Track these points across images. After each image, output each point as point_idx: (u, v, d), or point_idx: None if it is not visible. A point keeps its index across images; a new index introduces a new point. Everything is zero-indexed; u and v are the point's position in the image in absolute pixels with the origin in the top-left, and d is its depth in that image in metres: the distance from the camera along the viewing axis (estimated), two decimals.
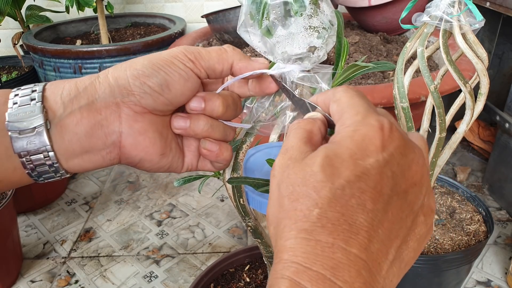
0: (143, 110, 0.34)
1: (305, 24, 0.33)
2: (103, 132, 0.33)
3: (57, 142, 0.32)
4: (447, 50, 0.72)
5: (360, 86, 1.09)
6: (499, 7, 1.15)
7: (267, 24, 0.33)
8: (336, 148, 0.26)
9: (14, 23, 1.99)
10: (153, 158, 0.36)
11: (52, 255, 1.20)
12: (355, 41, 1.36)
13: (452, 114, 0.83)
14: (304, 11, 0.33)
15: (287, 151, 0.28)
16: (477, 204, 0.99)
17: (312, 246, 0.24)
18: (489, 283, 1.06)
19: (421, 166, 0.27)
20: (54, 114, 0.32)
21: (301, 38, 0.33)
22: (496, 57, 1.45)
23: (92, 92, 0.33)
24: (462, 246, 0.88)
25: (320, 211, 0.24)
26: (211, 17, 1.45)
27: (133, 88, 0.33)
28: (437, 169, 0.85)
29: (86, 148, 0.33)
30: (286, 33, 0.33)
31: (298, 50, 0.34)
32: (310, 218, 0.24)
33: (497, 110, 1.29)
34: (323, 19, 0.33)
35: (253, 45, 0.35)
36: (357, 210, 0.24)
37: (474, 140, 1.56)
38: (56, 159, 0.32)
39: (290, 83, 0.36)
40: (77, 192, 1.47)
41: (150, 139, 0.35)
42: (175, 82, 0.34)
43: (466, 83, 0.74)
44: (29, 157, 0.32)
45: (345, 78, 0.39)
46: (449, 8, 0.70)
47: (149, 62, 0.34)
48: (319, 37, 0.34)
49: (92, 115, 0.33)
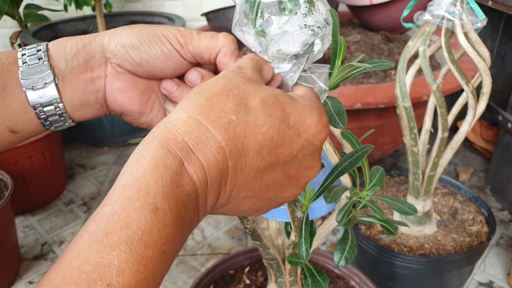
0: (125, 72, 0.37)
1: (300, 22, 0.33)
2: (94, 88, 0.37)
3: (63, 95, 0.36)
4: (449, 49, 0.72)
5: (361, 86, 1.08)
6: (501, 6, 1.14)
7: (261, 23, 0.33)
8: (287, 99, 0.29)
9: (12, 22, 1.98)
10: (133, 115, 0.39)
11: (50, 256, 1.19)
12: (356, 40, 1.35)
13: (454, 113, 0.82)
14: (298, 9, 0.32)
15: (241, 69, 0.31)
16: (479, 205, 0.98)
17: (207, 137, 0.27)
18: (491, 285, 1.05)
19: (311, 166, 0.32)
20: (59, 70, 0.36)
21: (296, 36, 0.33)
22: (498, 56, 1.43)
23: (89, 51, 0.36)
24: (464, 247, 0.87)
25: (236, 119, 0.27)
26: (210, 16, 1.44)
27: (117, 53, 0.36)
28: (439, 169, 0.84)
29: (84, 102, 0.37)
30: (281, 31, 0.33)
31: (293, 49, 0.33)
32: (223, 116, 0.27)
33: (499, 110, 1.28)
34: (318, 17, 0.33)
35: (248, 44, 0.35)
36: (255, 146, 0.28)
37: (476, 140, 1.55)
38: (65, 110, 0.36)
39: None
40: (75, 193, 1.46)
41: (129, 98, 0.38)
42: (156, 59, 0.36)
43: (468, 82, 0.73)
44: (42, 109, 0.36)
45: (342, 77, 0.39)
46: (451, 7, 0.70)
47: (139, 33, 0.36)
48: (314, 35, 0.33)
49: (87, 73, 0.36)
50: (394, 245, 0.88)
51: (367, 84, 1.12)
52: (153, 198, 0.24)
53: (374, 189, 0.42)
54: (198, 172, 0.26)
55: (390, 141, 1.23)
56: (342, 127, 0.37)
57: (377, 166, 0.44)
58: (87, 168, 1.60)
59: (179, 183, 0.25)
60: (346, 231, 0.44)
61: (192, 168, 0.26)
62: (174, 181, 0.25)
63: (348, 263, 0.42)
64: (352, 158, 0.38)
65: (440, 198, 1.01)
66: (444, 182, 1.06)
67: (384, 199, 0.42)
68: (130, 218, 0.23)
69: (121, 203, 0.24)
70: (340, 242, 0.43)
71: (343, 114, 0.37)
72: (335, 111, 0.37)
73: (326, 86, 0.36)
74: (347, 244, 0.42)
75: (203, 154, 0.26)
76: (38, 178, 1.32)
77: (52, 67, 0.35)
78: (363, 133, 0.51)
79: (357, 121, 1.09)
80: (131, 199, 0.24)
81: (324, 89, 0.36)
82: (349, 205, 0.42)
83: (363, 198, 0.43)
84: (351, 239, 0.43)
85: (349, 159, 0.39)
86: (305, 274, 0.49)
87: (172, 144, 0.26)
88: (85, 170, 1.60)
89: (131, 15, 2.01)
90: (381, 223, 0.44)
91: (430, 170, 0.83)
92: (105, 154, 1.70)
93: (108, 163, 1.63)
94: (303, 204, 0.42)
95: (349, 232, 0.44)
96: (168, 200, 0.24)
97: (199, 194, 0.27)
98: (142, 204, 0.24)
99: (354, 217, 0.41)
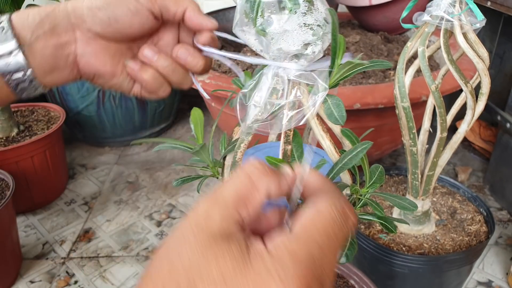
0: (95, 36, 0.39)
1: (300, 21, 0.33)
2: (64, 53, 0.39)
3: (31, 62, 0.38)
4: (448, 49, 0.72)
5: (361, 86, 1.08)
6: (500, 6, 1.15)
7: (262, 22, 0.34)
8: (235, 274, 0.21)
9: None
10: (105, 76, 0.41)
11: (51, 255, 1.20)
12: (355, 41, 1.35)
13: (453, 114, 0.82)
14: (298, 8, 0.33)
15: (215, 201, 0.24)
16: (478, 205, 0.98)
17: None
18: (490, 284, 1.06)
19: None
20: (24, 39, 0.37)
21: (296, 35, 0.34)
22: (497, 56, 1.44)
23: (53, 19, 0.38)
24: (463, 247, 0.88)
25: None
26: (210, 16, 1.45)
27: (86, 18, 0.38)
28: (438, 169, 0.84)
29: (54, 67, 0.39)
30: (281, 30, 0.33)
31: (293, 47, 0.34)
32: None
33: (498, 110, 1.29)
34: (317, 16, 0.34)
35: (248, 43, 0.35)
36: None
37: (475, 140, 1.56)
38: (34, 75, 0.38)
39: (287, 81, 0.36)
40: (76, 192, 1.47)
41: (101, 61, 0.40)
42: (124, 15, 0.38)
43: (467, 82, 0.73)
44: (10, 76, 0.37)
45: (341, 76, 0.39)
46: (450, 8, 0.70)
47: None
48: (314, 34, 0.34)
49: (54, 39, 0.38)
50: (393, 244, 0.89)
51: (366, 85, 1.13)
52: None
53: (374, 186, 0.43)
54: None
55: (389, 141, 1.24)
56: (342, 124, 0.38)
57: (377, 164, 0.45)
58: (88, 168, 1.61)
59: None
60: None
61: None
62: None
63: (349, 260, 0.43)
64: (352, 155, 0.39)
65: (439, 198, 1.02)
66: (443, 181, 1.06)
67: (384, 196, 0.43)
68: None
69: None
70: None
71: (343, 111, 0.38)
72: (334, 109, 0.38)
73: (327, 84, 0.36)
74: (347, 242, 0.43)
75: None
76: (39, 178, 1.33)
77: (16, 36, 0.37)
78: (362, 133, 0.52)
79: (356, 121, 1.09)
80: None
81: (324, 87, 0.36)
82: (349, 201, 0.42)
83: (363, 196, 0.43)
84: (352, 236, 0.43)
85: (348, 155, 0.39)
86: None
87: None
88: (86, 169, 1.60)
89: None
90: (381, 221, 0.45)
91: (429, 170, 0.84)
92: (106, 154, 1.70)
93: (109, 163, 1.63)
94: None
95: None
96: None
97: None
98: None
99: None
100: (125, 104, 1.64)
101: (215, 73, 1.21)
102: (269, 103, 0.36)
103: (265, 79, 0.37)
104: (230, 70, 1.29)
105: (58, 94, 1.63)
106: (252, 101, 0.37)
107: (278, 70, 0.36)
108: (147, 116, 1.72)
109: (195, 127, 0.47)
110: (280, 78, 0.36)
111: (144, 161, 1.64)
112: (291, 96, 0.36)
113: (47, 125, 1.40)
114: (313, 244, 0.22)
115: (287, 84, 0.36)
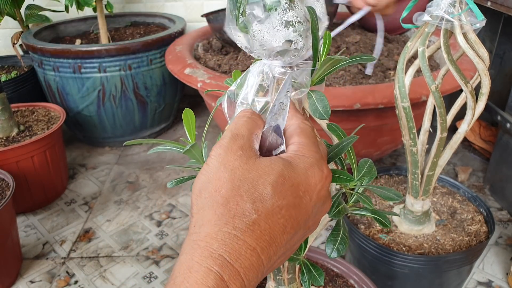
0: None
1: (280, 18, 0.34)
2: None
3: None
4: (448, 49, 0.72)
5: (361, 86, 1.08)
6: (500, 6, 1.15)
7: (243, 20, 0.34)
8: (291, 171, 0.31)
9: (13, 23, 1.98)
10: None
11: (51, 255, 1.20)
12: (355, 41, 1.35)
13: (453, 114, 0.82)
14: (278, 6, 0.33)
15: (237, 138, 0.32)
16: (478, 205, 0.98)
17: (240, 245, 0.28)
18: (490, 284, 1.06)
19: (325, 209, 0.35)
20: None
21: (277, 32, 0.34)
22: (497, 56, 1.44)
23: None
24: (463, 247, 0.88)
25: (258, 218, 0.29)
26: (211, 17, 1.45)
27: None
28: (438, 169, 0.84)
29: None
30: (262, 27, 0.34)
31: (275, 44, 0.34)
32: (247, 220, 0.28)
33: (498, 110, 1.29)
34: (297, 13, 0.34)
35: (236, 40, 0.36)
36: (280, 229, 0.30)
37: (475, 140, 1.56)
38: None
39: (272, 78, 0.36)
40: (76, 192, 1.47)
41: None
42: None
43: (467, 82, 0.73)
44: None
45: (323, 72, 0.40)
46: (450, 8, 0.70)
47: None
48: (295, 31, 0.34)
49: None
50: (394, 244, 0.89)
51: (366, 85, 1.13)
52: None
53: (362, 179, 0.43)
54: (237, 282, 0.27)
55: (389, 141, 1.24)
56: (326, 119, 0.38)
57: (366, 158, 0.45)
58: (88, 168, 1.61)
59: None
60: (338, 222, 0.44)
61: (232, 281, 0.27)
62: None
63: (340, 254, 0.43)
64: (338, 148, 0.39)
65: (439, 198, 1.02)
66: (443, 181, 1.06)
67: (370, 188, 0.43)
68: None
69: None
70: (332, 233, 0.44)
71: (327, 106, 0.38)
72: (318, 104, 0.38)
73: (308, 81, 0.37)
74: (338, 236, 0.43)
75: (240, 262, 0.28)
76: (39, 178, 1.33)
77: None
78: (362, 133, 0.52)
79: (356, 121, 1.09)
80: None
81: (305, 84, 0.37)
82: (337, 195, 0.42)
83: (355, 191, 0.43)
84: (343, 230, 0.43)
85: (335, 149, 0.40)
86: (302, 271, 0.50)
87: (210, 262, 0.27)
88: (86, 169, 1.60)
89: (132, 15, 2.01)
90: (374, 216, 0.45)
91: (429, 170, 0.84)
92: (106, 154, 1.70)
93: (109, 163, 1.63)
94: None
95: (341, 224, 0.44)
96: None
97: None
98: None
99: (344, 208, 0.42)
100: (125, 104, 1.64)
101: (215, 73, 1.21)
102: (256, 100, 0.36)
103: (251, 77, 0.37)
104: (230, 70, 1.29)
105: (58, 94, 1.63)
106: (239, 98, 0.37)
107: (263, 67, 0.36)
108: (147, 116, 1.72)
109: (186, 127, 0.47)
110: (265, 75, 0.36)
111: (144, 161, 1.64)
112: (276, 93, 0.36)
113: (47, 125, 1.41)
114: (314, 139, 0.34)
115: (272, 81, 0.36)
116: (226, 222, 0.28)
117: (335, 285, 0.76)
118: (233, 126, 0.33)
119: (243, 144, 0.31)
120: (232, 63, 1.32)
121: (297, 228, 0.31)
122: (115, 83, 1.59)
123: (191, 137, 0.47)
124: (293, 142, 0.34)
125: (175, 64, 1.30)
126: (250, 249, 0.28)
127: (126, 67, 1.57)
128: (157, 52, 1.62)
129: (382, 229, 0.93)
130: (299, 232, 0.32)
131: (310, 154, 0.33)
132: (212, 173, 0.30)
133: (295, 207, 0.30)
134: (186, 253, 0.28)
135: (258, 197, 0.29)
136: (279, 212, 0.29)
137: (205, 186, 0.30)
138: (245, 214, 0.29)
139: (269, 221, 0.29)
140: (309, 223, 0.33)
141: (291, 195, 0.30)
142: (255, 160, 0.31)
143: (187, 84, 1.23)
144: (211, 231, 0.28)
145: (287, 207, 0.30)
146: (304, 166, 0.32)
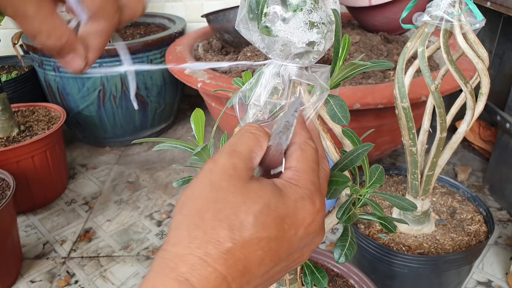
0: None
1: (305, 19, 0.33)
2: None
3: None
4: (448, 50, 0.72)
5: (360, 86, 1.09)
6: (499, 6, 1.15)
7: (266, 20, 0.33)
8: (279, 202, 0.29)
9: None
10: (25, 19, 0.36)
11: (51, 255, 1.20)
12: (355, 41, 1.36)
13: (452, 114, 0.82)
14: (304, 6, 0.32)
15: (233, 155, 0.30)
16: (477, 204, 0.99)
17: (209, 272, 0.26)
18: (490, 284, 1.06)
19: (316, 243, 0.33)
20: None
21: (301, 33, 0.33)
22: (497, 57, 1.44)
23: None
24: (463, 247, 0.88)
25: (232, 247, 0.27)
26: (211, 17, 1.45)
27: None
28: (438, 169, 0.85)
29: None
30: (286, 28, 0.33)
31: (298, 45, 0.34)
32: (220, 248, 0.27)
33: (498, 110, 1.29)
34: (322, 14, 0.33)
35: (251, 41, 0.35)
36: (257, 260, 0.28)
37: (474, 140, 1.56)
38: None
39: (288, 81, 0.35)
40: (76, 192, 1.47)
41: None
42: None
43: (467, 83, 0.74)
44: None
45: (343, 76, 0.39)
46: (450, 8, 0.70)
47: None
48: (319, 32, 0.33)
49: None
50: (393, 244, 0.89)
51: (366, 85, 1.13)
52: None
53: (374, 186, 0.43)
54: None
55: (389, 141, 1.24)
56: (346, 124, 0.38)
57: (377, 164, 0.45)
58: (88, 168, 1.61)
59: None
60: (346, 228, 0.44)
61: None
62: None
63: (348, 260, 0.43)
64: (353, 156, 0.39)
65: (439, 198, 1.02)
66: (443, 181, 1.06)
67: (384, 196, 0.43)
68: None
69: None
70: (340, 239, 0.44)
71: (346, 111, 0.37)
72: (337, 109, 0.38)
73: (327, 85, 0.36)
74: (347, 241, 0.43)
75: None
76: (39, 178, 1.33)
77: None
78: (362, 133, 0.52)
79: (356, 121, 1.09)
80: None
81: (325, 88, 0.36)
82: (349, 202, 0.42)
83: (363, 196, 0.43)
84: (351, 236, 0.43)
85: (349, 156, 0.39)
86: (304, 272, 0.50)
87: (175, 285, 0.26)
88: (86, 169, 1.60)
89: None
90: (380, 221, 0.45)
91: (429, 170, 0.84)
92: (106, 154, 1.70)
93: (109, 163, 1.64)
94: None
95: (349, 230, 0.44)
96: None
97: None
98: None
99: (354, 214, 0.42)
100: (126, 104, 1.64)
101: (215, 73, 1.21)
102: (269, 102, 0.36)
103: (263, 78, 0.36)
104: (230, 70, 1.29)
105: (59, 94, 1.63)
106: (251, 100, 0.37)
107: (279, 69, 0.36)
108: (147, 116, 1.72)
109: (196, 128, 0.47)
110: (280, 78, 0.36)
111: (144, 161, 1.64)
112: (291, 97, 0.36)
113: (47, 125, 1.41)
114: (313, 164, 0.32)
115: (288, 84, 0.36)
116: (198, 246, 0.27)
117: (335, 285, 0.76)
118: (233, 140, 0.32)
119: (237, 163, 0.30)
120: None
121: (277, 261, 0.29)
122: (116, 83, 1.59)
123: (200, 138, 0.47)
124: (290, 166, 0.32)
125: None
126: (220, 277, 0.27)
127: None
128: (158, 52, 1.63)
129: (381, 229, 0.93)
130: (281, 264, 0.30)
131: (304, 184, 0.31)
132: (198, 189, 0.29)
133: (277, 240, 0.29)
134: (154, 270, 0.27)
135: (237, 225, 0.28)
136: (257, 243, 0.28)
137: (187, 202, 0.29)
138: (219, 241, 0.27)
139: (244, 251, 0.27)
140: (294, 256, 0.31)
141: (274, 227, 0.28)
142: (245, 183, 0.29)
143: (187, 84, 1.23)
144: (182, 253, 0.27)
145: (267, 240, 0.28)
146: (294, 197, 0.30)
